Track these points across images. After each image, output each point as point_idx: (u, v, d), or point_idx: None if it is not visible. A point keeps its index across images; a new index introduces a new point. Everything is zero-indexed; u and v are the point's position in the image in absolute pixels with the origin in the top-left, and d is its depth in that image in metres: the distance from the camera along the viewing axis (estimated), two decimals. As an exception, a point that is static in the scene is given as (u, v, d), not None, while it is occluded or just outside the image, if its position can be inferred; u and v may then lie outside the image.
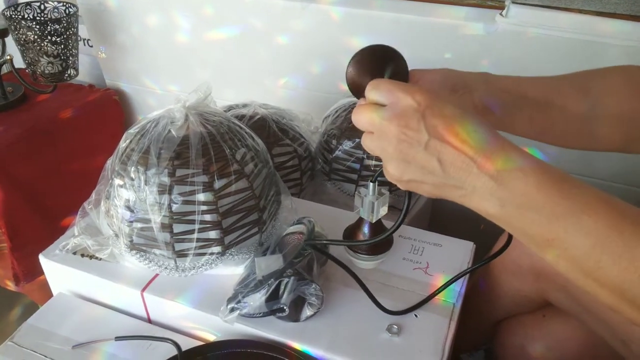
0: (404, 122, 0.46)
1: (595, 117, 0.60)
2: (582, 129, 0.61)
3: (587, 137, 0.62)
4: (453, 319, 0.71)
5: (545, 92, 0.59)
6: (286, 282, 0.68)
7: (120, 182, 0.71)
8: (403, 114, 0.46)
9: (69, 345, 0.73)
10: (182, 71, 1.37)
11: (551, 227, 0.43)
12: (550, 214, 0.43)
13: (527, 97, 0.58)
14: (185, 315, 0.74)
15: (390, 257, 0.80)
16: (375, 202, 0.73)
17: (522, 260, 0.81)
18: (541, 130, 0.61)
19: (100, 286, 0.78)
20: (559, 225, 0.43)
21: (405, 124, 0.46)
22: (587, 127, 0.61)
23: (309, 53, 1.20)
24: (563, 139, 0.63)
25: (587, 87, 0.60)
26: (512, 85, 0.58)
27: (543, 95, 0.59)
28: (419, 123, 0.46)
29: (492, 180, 0.44)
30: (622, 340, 0.70)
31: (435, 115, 0.45)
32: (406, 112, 0.46)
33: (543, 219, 0.43)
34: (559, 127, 0.60)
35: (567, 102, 0.59)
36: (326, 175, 1.07)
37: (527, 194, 0.44)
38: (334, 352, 0.66)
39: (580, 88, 0.60)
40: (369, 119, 0.49)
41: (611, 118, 0.60)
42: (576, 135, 0.62)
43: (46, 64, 1.19)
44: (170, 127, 0.71)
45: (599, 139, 0.62)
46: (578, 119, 0.60)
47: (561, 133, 0.61)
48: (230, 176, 0.71)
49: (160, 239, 0.71)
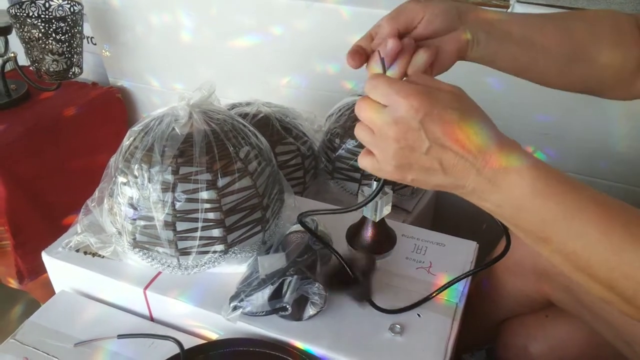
0: (404, 128, 0.46)
1: (576, 59, 0.60)
2: (562, 70, 0.61)
3: (565, 78, 0.62)
4: (456, 318, 0.71)
5: (529, 31, 0.59)
6: (289, 281, 0.68)
7: (124, 179, 0.71)
8: (402, 120, 0.46)
9: (71, 343, 0.73)
10: (186, 70, 1.37)
11: (544, 228, 0.46)
12: (543, 217, 0.45)
13: (511, 34, 0.58)
14: (187, 314, 0.74)
15: (394, 256, 0.80)
16: (379, 202, 0.73)
17: (524, 261, 0.81)
18: (523, 68, 0.61)
19: (103, 284, 0.78)
20: (551, 228, 0.45)
21: (405, 130, 0.46)
22: (567, 68, 0.61)
23: (313, 52, 1.20)
24: (543, 78, 0.63)
25: (571, 30, 0.60)
26: (497, 21, 0.58)
27: (527, 33, 0.59)
28: (419, 130, 0.46)
29: (490, 184, 0.46)
30: (625, 341, 0.70)
31: (435, 122, 0.46)
32: (405, 118, 0.46)
33: (536, 221, 0.46)
34: (540, 67, 0.61)
35: (551, 42, 0.59)
36: (329, 174, 1.07)
37: (522, 197, 0.45)
38: (337, 351, 0.66)
39: (565, 30, 0.60)
40: (369, 118, 0.49)
41: (591, 62, 0.60)
42: (556, 76, 0.62)
43: (51, 61, 1.19)
44: (174, 124, 0.71)
45: (576, 82, 0.63)
46: (559, 60, 0.60)
47: (542, 72, 0.62)
48: (233, 174, 0.71)
49: (164, 236, 0.71)
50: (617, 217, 0.43)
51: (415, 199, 1.09)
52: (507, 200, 0.46)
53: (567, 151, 1.09)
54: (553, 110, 1.06)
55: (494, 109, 0.51)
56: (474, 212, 0.54)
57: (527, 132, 1.09)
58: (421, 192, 1.11)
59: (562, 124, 1.07)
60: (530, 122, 1.08)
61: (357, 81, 1.17)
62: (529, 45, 0.59)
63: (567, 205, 0.44)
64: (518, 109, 1.07)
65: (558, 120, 1.07)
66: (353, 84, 1.18)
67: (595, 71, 0.61)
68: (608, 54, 0.60)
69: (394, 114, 0.47)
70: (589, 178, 1.10)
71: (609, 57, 0.60)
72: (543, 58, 0.60)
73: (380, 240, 0.77)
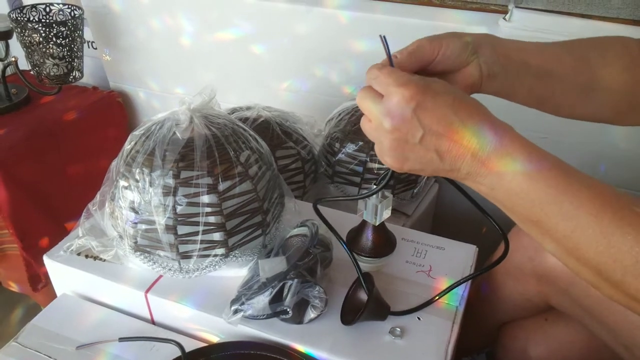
0: (398, 118, 0.48)
1: (592, 88, 0.61)
2: (578, 99, 0.62)
3: (581, 108, 0.63)
4: (456, 322, 0.71)
5: (547, 61, 0.59)
6: (290, 284, 0.69)
7: (125, 183, 0.72)
8: (396, 110, 0.48)
9: (73, 346, 0.73)
10: (186, 74, 1.37)
11: (534, 210, 0.46)
12: (534, 200, 0.46)
13: (528, 65, 0.58)
14: (188, 317, 0.74)
15: (393, 260, 0.80)
16: (379, 205, 0.73)
17: (524, 265, 0.82)
18: (540, 100, 0.62)
19: (104, 287, 0.78)
20: (542, 210, 0.46)
21: (399, 120, 0.48)
22: (583, 97, 0.61)
23: (313, 56, 1.21)
24: (559, 109, 0.63)
25: (587, 58, 0.61)
26: (515, 52, 0.58)
27: (544, 64, 0.59)
28: (412, 119, 0.47)
29: (484, 167, 0.47)
30: (624, 345, 0.70)
31: (427, 109, 0.47)
32: (399, 108, 0.47)
33: (527, 203, 0.46)
34: (557, 97, 0.61)
35: (568, 72, 0.60)
36: (329, 178, 1.07)
37: (514, 180, 0.46)
38: (337, 355, 0.66)
39: (581, 58, 0.60)
40: (368, 108, 0.50)
41: (606, 90, 0.61)
42: (571, 106, 0.63)
43: (51, 65, 1.19)
44: (175, 129, 0.72)
45: (593, 110, 0.63)
46: (576, 90, 0.61)
47: (558, 103, 0.62)
48: (234, 178, 0.72)
49: (165, 240, 0.71)
50: (608, 200, 0.44)
51: (415, 203, 1.09)
52: (500, 183, 0.47)
53: (566, 155, 1.07)
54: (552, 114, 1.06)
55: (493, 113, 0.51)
56: (474, 216, 0.55)
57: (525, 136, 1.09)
58: (421, 196, 1.11)
59: (560, 128, 1.07)
60: (529, 126, 1.07)
61: (356, 86, 1.18)
62: (547, 76, 0.59)
63: (557, 188, 0.45)
64: (516, 113, 1.07)
65: (556, 124, 1.06)
66: (352, 88, 1.19)
67: (609, 98, 0.61)
68: (619, 79, 0.60)
69: (388, 104, 0.48)
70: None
71: (622, 82, 0.61)
72: (560, 88, 0.60)
73: (381, 244, 0.78)
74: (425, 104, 0.47)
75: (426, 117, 0.47)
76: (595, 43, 0.62)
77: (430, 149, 0.48)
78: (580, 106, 0.62)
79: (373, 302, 0.68)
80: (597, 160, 1.08)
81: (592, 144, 1.06)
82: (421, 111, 0.47)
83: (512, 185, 0.46)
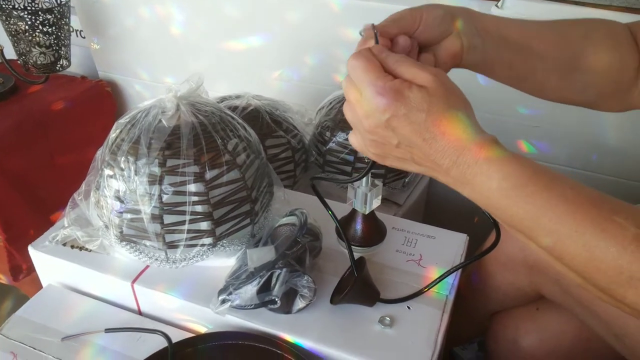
0: (374, 123, 0.47)
1: (575, 68, 0.60)
2: (560, 79, 0.61)
3: (564, 88, 0.62)
4: (446, 311, 0.71)
5: (527, 37, 0.58)
6: (278, 273, 0.68)
7: (110, 172, 0.71)
8: (372, 115, 0.47)
9: (59, 337, 0.72)
10: (176, 63, 1.35)
11: (514, 223, 0.46)
12: (513, 215, 0.45)
13: (507, 40, 0.57)
14: (176, 307, 0.73)
15: (383, 249, 0.79)
16: (369, 194, 0.73)
17: (515, 254, 0.81)
18: (520, 77, 0.61)
19: (90, 278, 0.77)
20: (521, 224, 0.46)
21: (375, 124, 0.47)
22: (565, 77, 0.60)
23: (305, 45, 1.19)
24: (541, 89, 0.63)
25: (569, 35, 0.59)
26: (494, 26, 0.57)
27: (524, 39, 0.58)
28: (387, 129, 0.47)
29: (459, 182, 0.47)
30: (615, 334, 0.70)
31: (401, 122, 0.46)
32: (374, 115, 0.47)
33: (507, 217, 0.46)
34: (538, 76, 0.60)
35: (548, 48, 0.59)
36: (320, 168, 1.06)
37: (491, 197, 0.46)
38: (326, 344, 0.66)
39: (563, 35, 0.59)
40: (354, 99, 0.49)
41: (589, 72, 0.60)
42: (554, 86, 0.61)
43: (38, 54, 1.17)
44: (161, 116, 0.70)
45: (576, 92, 0.62)
46: (557, 68, 0.60)
47: (540, 82, 0.61)
48: (221, 167, 0.70)
49: (151, 230, 0.70)
50: (588, 214, 0.43)
51: (407, 192, 1.08)
52: (478, 197, 0.47)
53: (558, 144, 1.09)
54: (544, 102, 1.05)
55: (484, 102, 0.51)
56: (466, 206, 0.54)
57: (517, 125, 1.09)
58: (412, 186, 1.11)
59: (552, 117, 1.06)
60: (521, 115, 1.08)
61: (348, 74, 1.16)
62: (527, 52, 0.58)
63: (535, 205, 0.44)
64: (509, 102, 1.07)
65: (549, 112, 1.06)
66: (344, 77, 1.17)
67: (592, 79, 0.60)
68: (605, 59, 0.59)
69: (365, 107, 0.47)
70: (580, 171, 1.10)
71: (606, 63, 0.60)
72: (541, 66, 0.59)
73: (370, 233, 0.77)
74: (399, 117, 0.46)
75: (399, 128, 0.46)
76: (578, 22, 0.61)
77: (407, 153, 0.49)
78: (563, 87, 0.61)
79: (361, 283, 0.67)
80: (589, 150, 1.07)
81: (584, 134, 1.06)
82: (395, 123, 0.46)
83: (490, 201, 0.46)
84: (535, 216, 0.44)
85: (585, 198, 0.44)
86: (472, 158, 0.45)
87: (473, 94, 0.54)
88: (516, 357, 0.86)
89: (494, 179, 0.45)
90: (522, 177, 0.45)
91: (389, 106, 0.45)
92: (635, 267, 0.41)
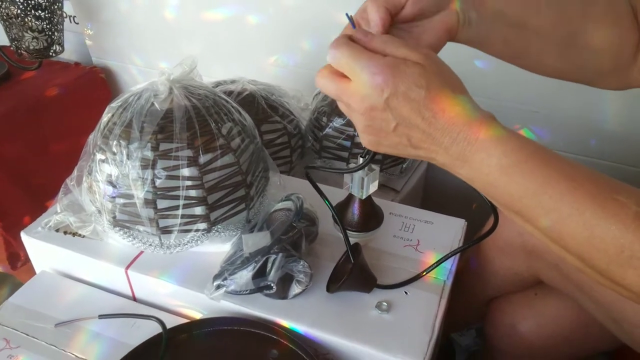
0: (369, 107, 0.45)
1: (572, 44, 0.58)
2: (557, 55, 0.59)
3: (561, 64, 0.60)
4: (443, 296, 0.70)
5: (523, 12, 0.56)
6: (273, 259, 0.67)
7: (102, 156, 0.69)
8: (367, 99, 0.45)
9: (52, 324, 0.71)
10: (171, 48, 1.34)
11: (514, 202, 0.45)
12: (513, 194, 0.44)
13: (504, 14, 0.56)
14: (170, 293, 0.72)
15: (381, 235, 0.78)
16: (365, 178, 0.72)
17: (514, 239, 0.80)
18: (516, 53, 0.59)
19: (84, 264, 0.76)
20: (521, 203, 0.45)
21: (370, 109, 0.45)
22: (563, 53, 0.59)
23: (301, 30, 1.17)
24: (538, 65, 0.61)
25: (565, 11, 0.58)
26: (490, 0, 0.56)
27: (520, 14, 0.56)
28: (385, 110, 0.45)
29: (458, 160, 0.46)
30: (614, 318, 0.70)
31: (400, 101, 0.44)
32: (370, 97, 0.45)
33: (506, 196, 0.45)
34: (534, 51, 0.59)
35: (545, 23, 0.57)
36: (316, 153, 1.05)
37: (490, 174, 0.45)
38: (322, 330, 0.65)
39: (559, 11, 0.58)
40: (333, 91, 0.48)
41: (587, 47, 0.58)
42: (551, 63, 0.60)
43: (30, 39, 1.16)
44: (154, 100, 0.69)
45: (573, 68, 0.61)
46: (554, 44, 0.58)
47: (536, 58, 0.60)
48: (215, 151, 0.69)
49: (144, 215, 0.69)
50: (589, 191, 0.42)
51: (404, 179, 1.07)
52: (476, 176, 0.46)
53: (557, 129, 1.08)
54: (542, 88, 1.04)
55: (482, 87, 0.49)
56: (464, 192, 0.53)
57: (516, 110, 1.08)
58: (410, 172, 1.10)
59: (551, 102, 1.05)
60: (520, 100, 1.06)
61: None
62: (523, 27, 0.57)
63: (536, 182, 0.43)
64: (507, 87, 1.06)
65: (547, 98, 1.05)
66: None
67: (591, 56, 0.59)
68: (604, 36, 0.58)
69: (358, 92, 0.45)
70: (578, 156, 1.09)
71: (605, 40, 0.58)
72: (537, 41, 0.58)
73: (367, 218, 0.76)
74: (397, 96, 0.44)
75: (398, 108, 0.45)
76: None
77: (404, 137, 0.47)
78: (560, 64, 0.60)
79: (358, 270, 0.66)
80: (588, 135, 1.06)
81: (583, 118, 1.04)
82: (394, 102, 0.44)
83: (489, 179, 0.45)
84: (535, 193, 0.43)
85: (586, 176, 0.43)
86: (472, 135, 0.44)
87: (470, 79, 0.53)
88: (514, 342, 0.85)
89: (494, 156, 0.44)
90: (522, 154, 0.44)
91: (387, 84, 0.44)
92: (637, 247, 0.40)
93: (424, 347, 0.63)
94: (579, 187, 0.42)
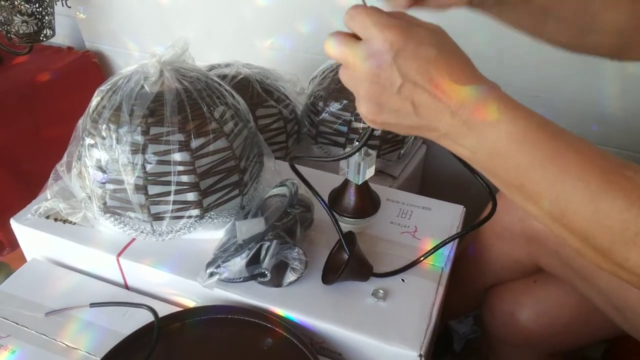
0: (377, 63, 0.44)
1: (589, 31, 0.57)
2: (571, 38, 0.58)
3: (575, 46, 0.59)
4: (441, 283, 0.69)
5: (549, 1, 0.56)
6: (267, 245, 0.65)
7: (91, 141, 0.68)
8: (376, 54, 0.43)
9: (42, 312, 0.70)
10: (165, 32, 1.31)
11: (519, 175, 0.43)
12: (519, 164, 0.43)
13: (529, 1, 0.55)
14: (163, 281, 0.71)
15: (378, 221, 0.77)
16: (362, 163, 0.70)
17: (513, 225, 0.79)
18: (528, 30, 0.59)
19: (75, 251, 0.75)
20: (526, 174, 0.43)
21: (377, 65, 0.44)
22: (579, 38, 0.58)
23: (297, 12, 1.15)
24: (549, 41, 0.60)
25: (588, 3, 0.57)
26: None
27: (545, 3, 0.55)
28: (392, 66, 0.43)
29: (465, 127, 0.44)
30: (615, 306, 0.68)
31: (408, 58, 0.43)
32: (379, 53, 0.43)
33: (511, 167, 0.43)
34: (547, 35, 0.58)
35: (567, 14, 0.56)
36: (313, 139, 1.03)
37: (498, 142, 0.43)
38: (318, 318, 0.64)
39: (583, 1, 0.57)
40: (341, 53, 0.46)
41: (605, 31, 0.57)
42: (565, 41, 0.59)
43: (20, 23, 1.13)
44: (144, 82, 0.67)
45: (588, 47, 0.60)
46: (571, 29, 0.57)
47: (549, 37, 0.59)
48: (208, 135, 0.68)
49: (135, 201, 0.67)
50: (596, 164, 0.41)
51: (402, 165, 1.06)
52: (482, 145, 0.44)
53: (558, 114, 1.06)
54: (543, 72, 1.02)
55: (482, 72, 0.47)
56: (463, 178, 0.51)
57: (517, 94, 1.03)
58: (408, 158, 1.08)
59: (552, 86, 1.03)
60: (520, 84, 1.04)
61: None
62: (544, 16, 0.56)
63: (544, 152, 0.42)
64: (508, 71, 1.03)
65: (549, 82, 1.03)
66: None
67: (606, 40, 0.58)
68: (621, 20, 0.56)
69: (368, 48, 0.44)
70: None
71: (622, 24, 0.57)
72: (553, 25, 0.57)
73: (364, 204, 0.74)
74: (406, 52, 0.43)
75: (406, 66, 0.43)
76: None
77: (407, 100, 0.44)
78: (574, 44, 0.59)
79: (354, 261, 0.65)
80: (589, 120, 1.04)
81: (585, 103, 1.03)
82: (402, 59, 0.43)
83: (495, 147, 0.43)
84: (542, 164, 0.42)
85: (594, 150, 0.42)
86: (481, 99, 0.42)
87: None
88: (513, 330, 0.84)
89: (503, 122, 0.42)
90: (532, 123, 0.42)
91: (397, 39, 0.42)
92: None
93: (421, 335, 0.62)
94: (587, 160, 0.41)
